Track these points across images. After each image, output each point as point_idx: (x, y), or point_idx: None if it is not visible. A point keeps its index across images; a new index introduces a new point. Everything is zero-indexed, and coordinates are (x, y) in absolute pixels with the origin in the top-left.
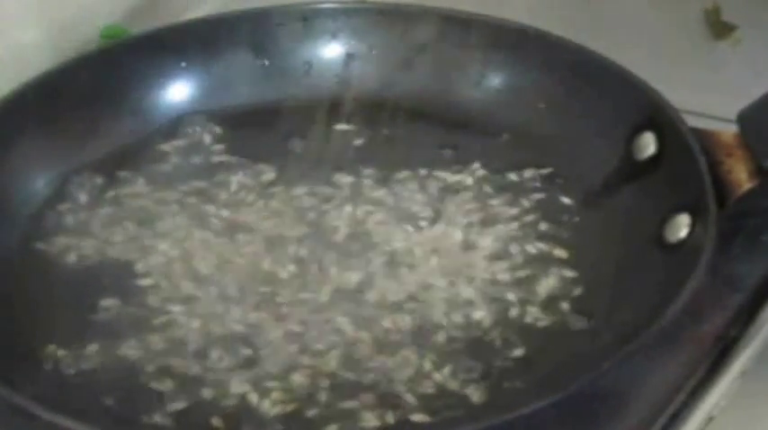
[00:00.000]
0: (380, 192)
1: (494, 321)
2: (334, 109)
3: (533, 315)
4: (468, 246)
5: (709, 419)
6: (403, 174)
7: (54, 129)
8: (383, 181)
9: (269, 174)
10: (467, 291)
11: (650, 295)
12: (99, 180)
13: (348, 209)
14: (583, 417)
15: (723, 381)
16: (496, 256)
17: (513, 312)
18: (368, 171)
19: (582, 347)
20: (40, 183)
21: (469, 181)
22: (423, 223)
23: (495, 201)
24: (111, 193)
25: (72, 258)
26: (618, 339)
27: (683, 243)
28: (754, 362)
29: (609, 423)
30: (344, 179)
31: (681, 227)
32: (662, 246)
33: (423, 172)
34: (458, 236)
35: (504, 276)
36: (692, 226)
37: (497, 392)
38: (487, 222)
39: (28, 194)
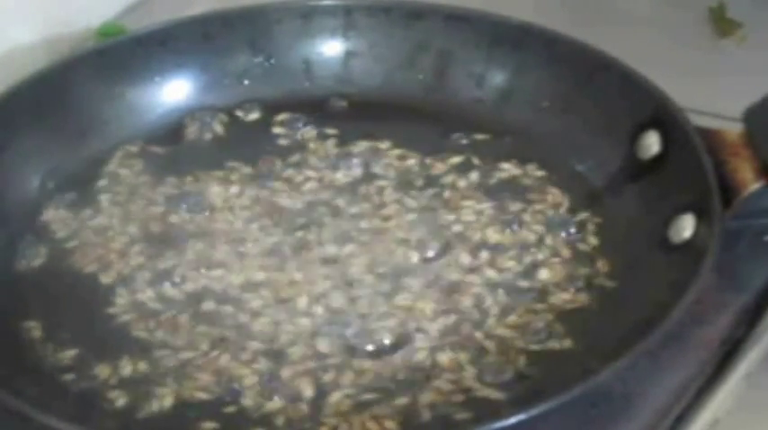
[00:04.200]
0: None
1: (496, 321)
2: (333, 107)
3: (535, 315)
4: (467, 247)
5: (715, 421)
6: (402, 173)
7: (50, 128)
8: (380, 179)
9: (266, 171)
10: (468, 290)
11: (654, 296)
12: (95, 179)
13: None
14: (587, 420)
15: (728, 383)
16: (497, 257)
17: (514, 313)
18: (366, 170)
19: (585, 349)
20: (36, 182)
21: (470, 180)
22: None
23: (496, 201)
24: (107, 192)
25: (69, 257)
26: (622, 341)
27: (687, 243)
28: (758, 364)
29: (613, 425)
30: (341, 177)
31: (685, 227)
32: (666, 247)
33: (422, 172)
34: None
35: (506, 275)
36: (697, 226)
37: (499, 395)
38: (488, 222)
39: (23, 193)
